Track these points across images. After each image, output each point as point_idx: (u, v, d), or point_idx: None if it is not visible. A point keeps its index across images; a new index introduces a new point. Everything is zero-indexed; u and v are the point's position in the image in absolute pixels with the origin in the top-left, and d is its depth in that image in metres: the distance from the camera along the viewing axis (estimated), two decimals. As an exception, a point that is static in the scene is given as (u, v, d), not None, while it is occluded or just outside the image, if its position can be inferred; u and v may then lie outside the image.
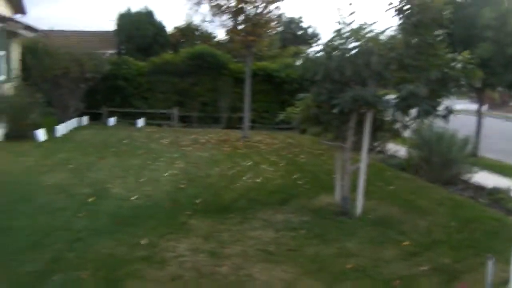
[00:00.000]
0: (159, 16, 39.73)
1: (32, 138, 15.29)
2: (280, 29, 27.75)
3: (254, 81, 19.13)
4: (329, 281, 5.80)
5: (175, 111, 21.50)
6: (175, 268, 6.01)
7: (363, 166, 8.32)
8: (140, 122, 21.09)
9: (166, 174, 11.35)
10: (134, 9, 30.40)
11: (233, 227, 7.68)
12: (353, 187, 8.43)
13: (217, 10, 17.87)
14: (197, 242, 6.94)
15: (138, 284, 5.54)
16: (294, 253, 6.64)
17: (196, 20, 29.44)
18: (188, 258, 6.34)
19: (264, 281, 5.73)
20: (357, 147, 8.40)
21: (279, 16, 18.75)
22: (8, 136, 15.34)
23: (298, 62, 8.87)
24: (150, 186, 10.17)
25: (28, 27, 18.46)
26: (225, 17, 17.89)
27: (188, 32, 31.22)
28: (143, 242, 6.84)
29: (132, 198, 9.15)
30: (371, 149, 8.67)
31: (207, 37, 30.10)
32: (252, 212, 8.50)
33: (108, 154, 13.47)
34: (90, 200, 8.87)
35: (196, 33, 31.33)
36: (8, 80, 17.51)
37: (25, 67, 19.21)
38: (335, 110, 7.90)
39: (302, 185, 10.69)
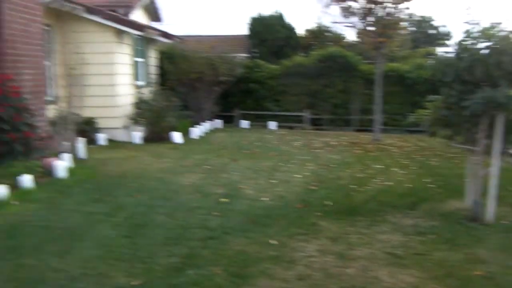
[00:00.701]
0: (290, 19, 40.28)
1: (169, 140, 16.10)
2: (411, 29, 27.33)
3: (385, 83, 18.97)
4: (455, 287, 5.76)
5: (307, 114, 21.74)
6: (303, 268, 6.17)
7: (494, 170, 8.11)
8: (272, 124, 21.51)
9: (297, 175, 11.57)
10: (266, 12, 31.02)
11: (362, 229, 7.74)
12: (485, 192, 8.24)
13: (347, 11, 17.93)
14: (326, 244, 7.07)
15: (267, 282, 5.75)
16: (421, 258, 6.61)
17: (327, 21, 29.54)
18: (316, 259, 6.49)
19: (391, 284, 5.77)
20: (489, 151, 8.20)
21: (410, 16, 18.51)
22: (147, 139, 16.24)
23: (429, 63, 8.79)
24: (281, 187, 10.42)
25: (165, 34, 19.47)
26: (354, 18, 17.91)
27: (319, 34, 31.39)
28: (273, 241, 7.07)
29: (264, 199, 9.43)
30: (504, 153, 8.42)
31: (338, 39, 30.11)
32: (382, 215, 8.50)
33: (240, 156, 13.92)
34: (223, 199, 9.25)
35: (327, 34, 31.42)
36: (146, 85, 18.53)
37: (162, 72, 20.23)
38: (465, 112, 7.77)
39: (432, 189, 10.52)
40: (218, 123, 21.38)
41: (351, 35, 29.51)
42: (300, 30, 31.68)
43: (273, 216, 8.28)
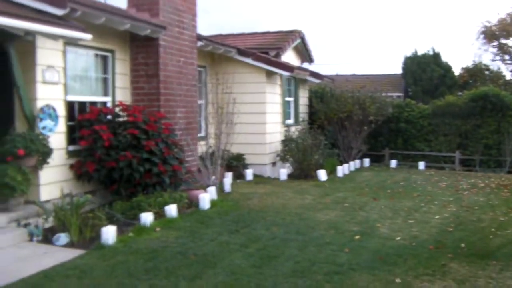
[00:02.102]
0: (446, 57, 39.58)
1: (314, 177, 16.47)
2: None
3: (540, 123, 18.20)
4: None
5: (457, 154, 21.25)
6: (421, 308, 6.23)
7: None
8: (421, 164, 21.20)
9: (436, 216, 11.42)
10: (421, 51, 30.79)
11: (493, 273, 7.56)
12: None
13: (501, 49, 17.51)
14: (451, 285, 7.02)
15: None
16: (550, 306, 6.43)
17: (485, 59, 28.79)
18: (437, 300, 6.52)
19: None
20: None
21: None
22: (292, 176, 16.75)
23: None
24: (417, 227, 10.37)
25: (315, 74, 20.08)
26: (508, 56, 17.45)
27: (476, 72, 30.60)
28: (398, 280, 7.15)
29: (397, 238, 9.46)
30: None
31: (496, 77, 29.18)
32: (517, 260, 8.28)
33: (382, 195, 13.96)
34: (356, 237, 9.42)
35: (486, 73, 30.55)
36: (295, 123, 19.12)
37: (312, 110, 20.78)
38: None
39: None
40: (366, 162, 21.45)
41: (508, 73, 28.47)
42: (457, 69, 31.10)
43: (403, 255, 8.32)
